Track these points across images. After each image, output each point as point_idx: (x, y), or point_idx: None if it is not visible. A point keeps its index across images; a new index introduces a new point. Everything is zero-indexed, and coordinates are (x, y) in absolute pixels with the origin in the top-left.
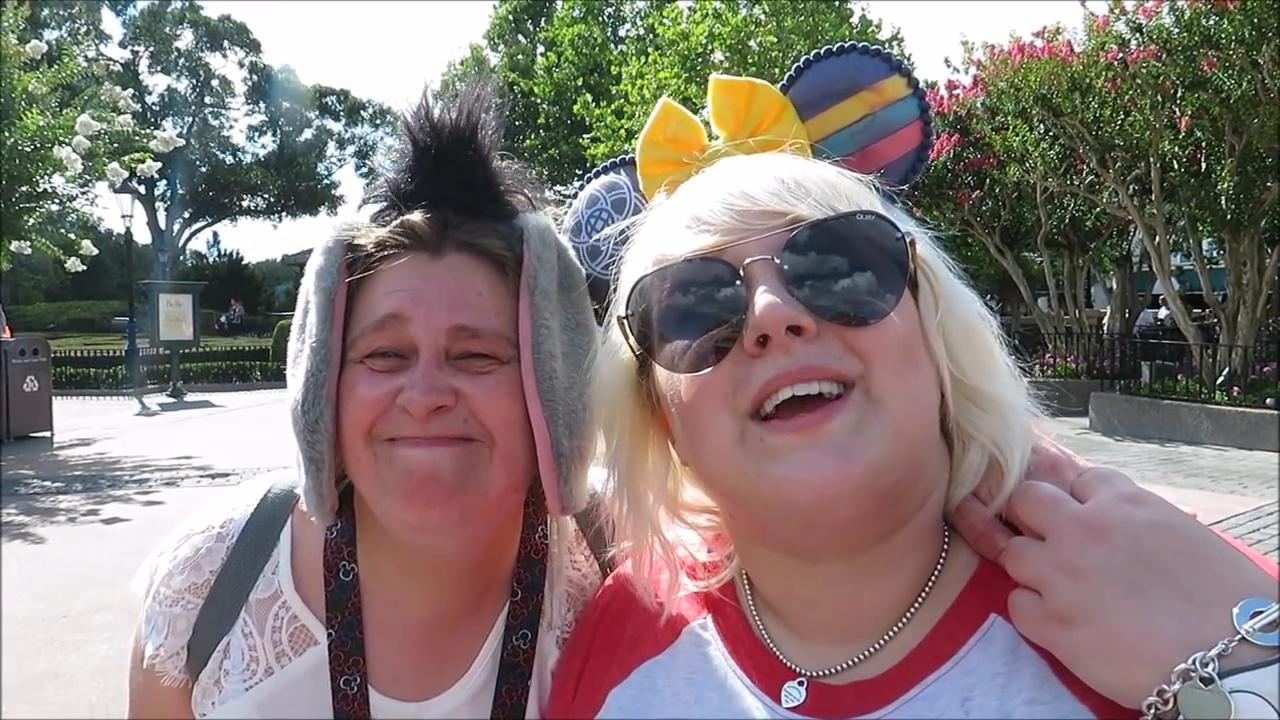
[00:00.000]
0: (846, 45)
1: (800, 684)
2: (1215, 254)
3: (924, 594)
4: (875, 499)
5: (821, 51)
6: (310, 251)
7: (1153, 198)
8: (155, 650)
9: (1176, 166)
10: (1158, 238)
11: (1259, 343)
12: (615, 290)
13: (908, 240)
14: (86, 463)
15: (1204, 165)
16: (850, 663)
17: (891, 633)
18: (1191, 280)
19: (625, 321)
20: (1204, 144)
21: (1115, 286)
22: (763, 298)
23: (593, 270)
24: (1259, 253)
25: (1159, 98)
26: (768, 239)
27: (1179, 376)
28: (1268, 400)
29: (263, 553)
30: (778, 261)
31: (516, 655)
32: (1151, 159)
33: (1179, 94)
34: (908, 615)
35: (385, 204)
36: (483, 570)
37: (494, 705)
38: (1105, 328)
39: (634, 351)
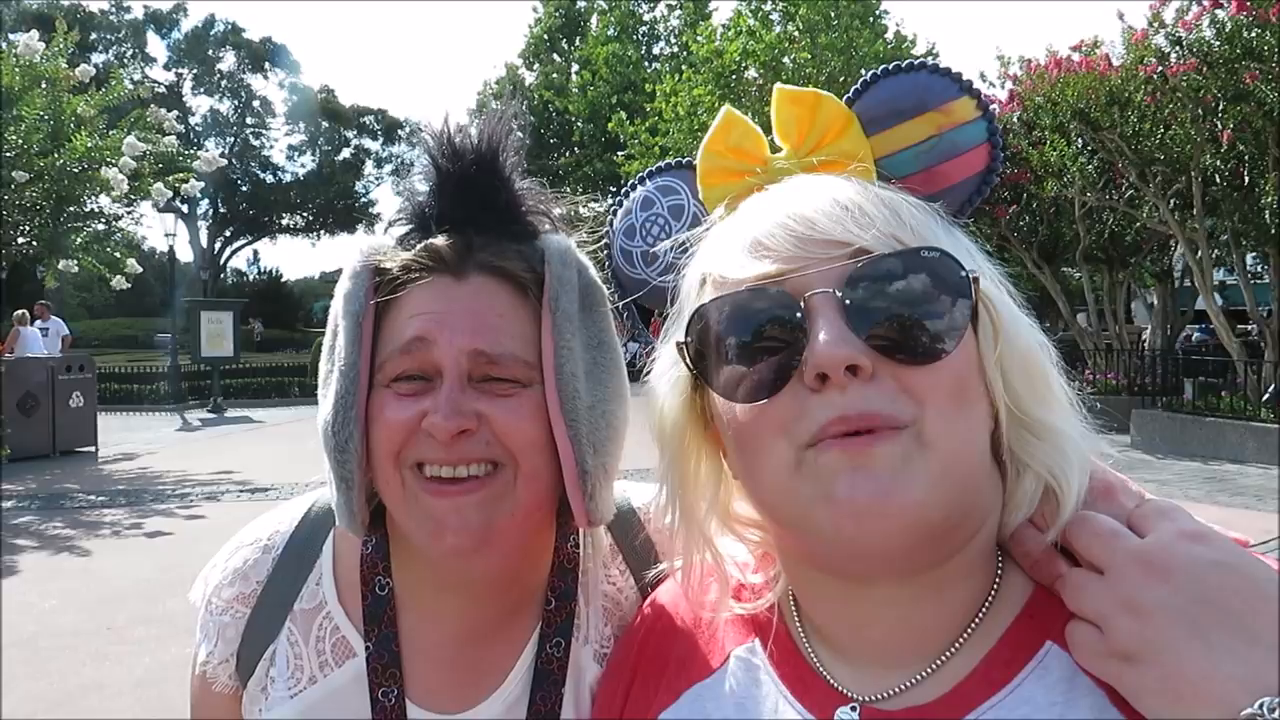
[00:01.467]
0: (916, 62)
1: (853, 709)
2: (1259, 269)
3: (977, 620)
4: (923, 533)
5: (890, 67)
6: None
7: (1194, 212)
8: (206, 657)
9: (1218, 180)
10: (1199, 252)
11: None
12: (671, 300)
13: (971, 278)
14: (130, 477)
15: (1247, 179)
16: (902, 687)
17: (944, 658)
18: (1234, 295)
19: (684, 346)
20: (1247, 157)
21: (1156, 302)
22: (823, 335)
23: (647, 275)
24: None
25: (1199, 111)
26: (829, 271)
27: (1223, 393)
28: None
29: (306, 564)
30: (839, 295)
31: (551, 663)
32: (1193, 173)
33: (1220, 107)
34: (961, 641)
35: (409, 227)
36: (515, 583)
37: (529, 713)
38: (1146, 343)
39: (691, 373)
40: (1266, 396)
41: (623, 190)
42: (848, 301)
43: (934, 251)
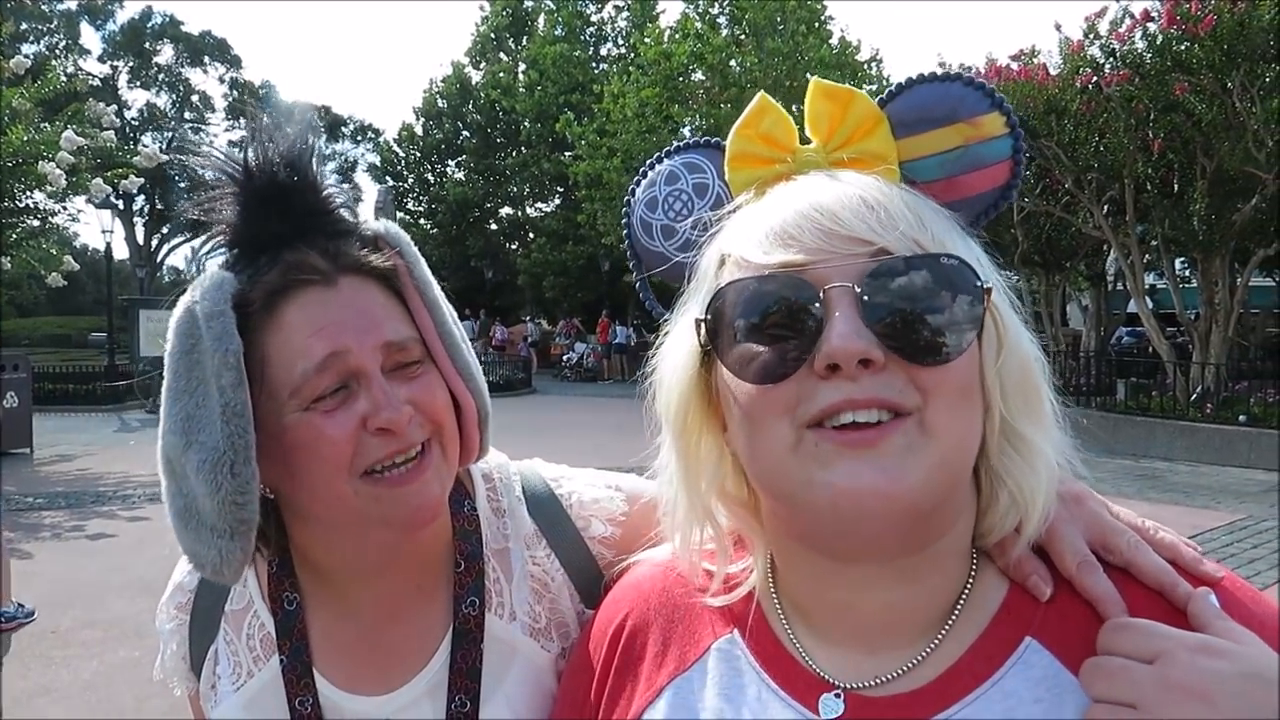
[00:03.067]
0: (952, 73)
1: (837, 695)
2: (1188, 273)
3: (956, 612)
4: (910, 518)
5: (926, 74)
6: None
7: (1127, 219)
8: (160, 665)
9: (1150, 188)
10: (1131, 257)
11: (1231, 360)
12: (687, 278)
13: (984, 289)
14: (69, 479)
15: (1177, 187)
16: (886, 677)
17: (927, 650)
18: (1165, 299)
19: (701, 322)
20: (1176, 166)
21: (1090, 305)
22: (838, 327)
23: (665, 249)
24: (1230, 272)
25: (1132, 121)
26: (850, 266)
27: (1153, 394)
28: (1240, 417)
29: None
30: (858, 290)
31: (468, 622)
32: (1125, 181)
33: (1151, 117)
34: (942, 632)
35: (232, 253)
36: (423, 556)
37: (451, 670)
38: (1081, 346)
39: (704, 349)
40: (1195, 397)
41: (648, 163)
42: (865, 297)
43: (953, 259)
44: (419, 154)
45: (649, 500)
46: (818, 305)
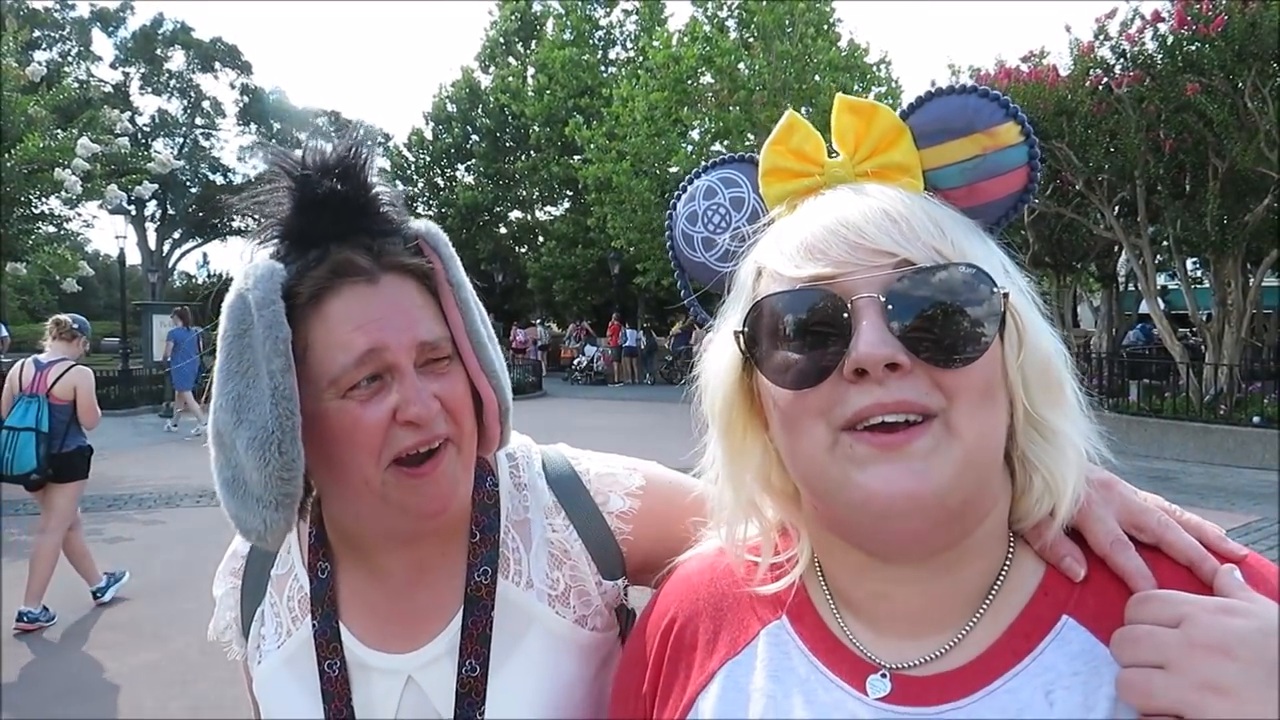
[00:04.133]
0: (969, 85)
1: (883, 676)
2: (1200, 274)
3: (992, 595)
4: (943, 515)
5: (943, 87)
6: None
7: (1139, 220)
8: (213, 627)
9: (1161, 189)
10: (1143, 258)
11: (1244, 361)
12: (729, 286)
13: (1001, 294)
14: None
15: (1189, 188)
16: (927, 658)
17: (964, 631)
18: (1177, 299)
19: (739, 335)
20: (1188, 167)
21: (1101, 306)
22: (865, 335)
23: (706, 260)
24: (1243, 273)
25: (1143, 121)
26: (875, 277)
27: (1166, 395)
28: (1254, 418)
29: None
30: (883, 300)
31: (479, 590)
32: (1137, 181)
33: (1163, 118)
34: (979, 614)
35: (284, 245)
36: (446, 524)
37: (462, 635)
38: (1093, 347)
39: (744, 357)
40: (1208, 398)
41: (687, 178)
42: (890, 306)
43: (971, 268)
44: (429, 158)
45: (666, 481)
46: (846, 315)
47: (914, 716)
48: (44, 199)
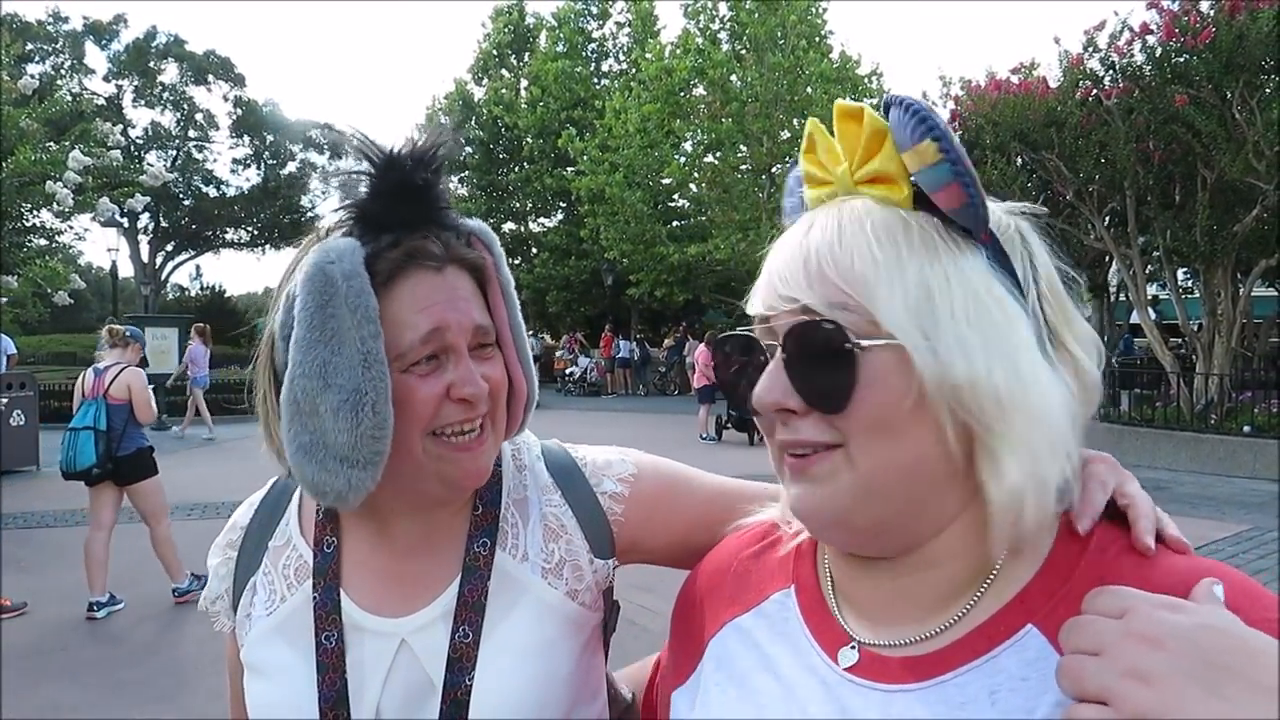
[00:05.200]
0: (897, 98)
1: (853, 648)
2: (1190, 284)
3: (971, 603)
4: (853, 532)
5: (889, 98)
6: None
7: (1129, 230)
8: (211, 596)
9: (1151, 199)
10: (1134, 268)
11: (1235, 371)
12: None
13: (858, 348)
14: (77, 496)
15: (1178, 198)
16: (899, 642)
17: (940, 628)
18: (1167, 309)
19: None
20: (1178, 177)
21: (1093, 316)
22: (762, 381)
23: None
24: (1233, 282)
25: (1132, 132)
26: (782, 325)
27: (1157, 405)
28: (1244, 427)
29: (279, 511)
30: (779, 349)
31: (477, 560)
32: (1127, 192)
33: (1152, 129)
34: (957, 615)
35: (358, 228)
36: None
37: (458, 602)
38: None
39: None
40: (1199, 408)
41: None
42: (785, 355)
43: (829, 323)
44: None
45: (656, 467)
46: (763, 359)
47: (867, 689)
48: (36, 212)
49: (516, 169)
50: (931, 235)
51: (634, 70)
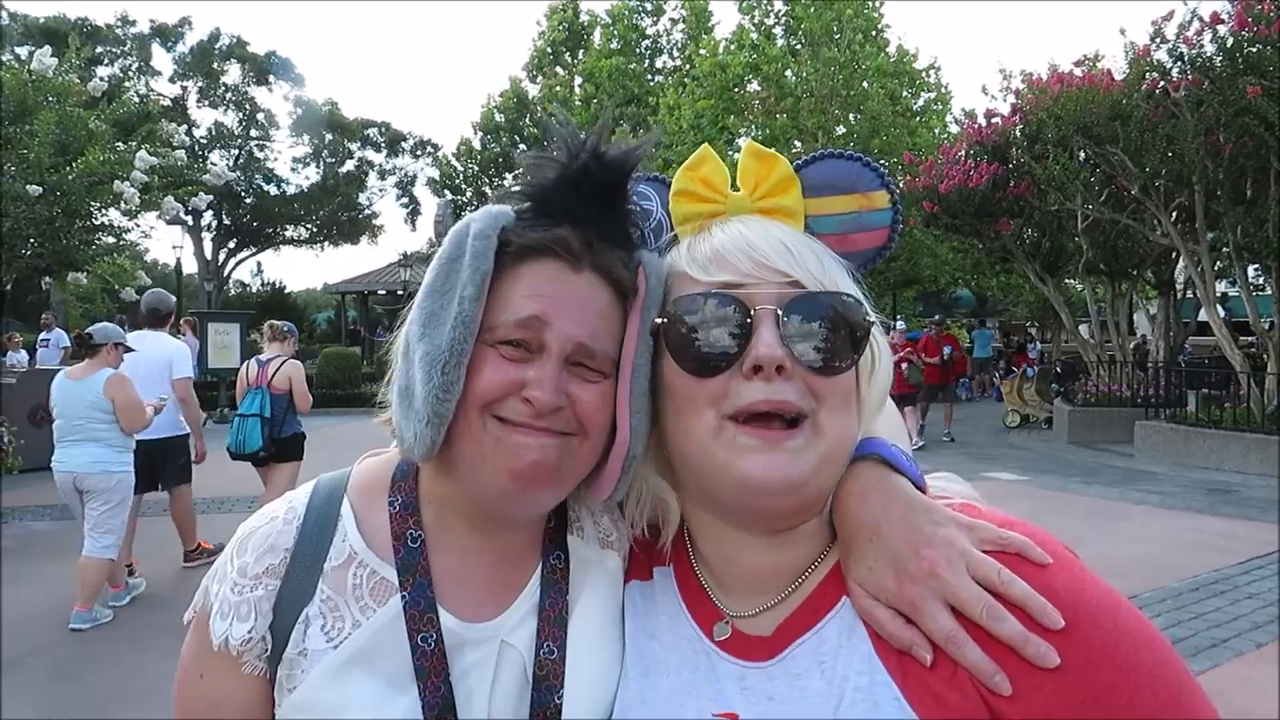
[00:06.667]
0: (855, 155)
1: (726, 623)
2: (1261, 281)
3: (808, 571)
4: (801, 499)
5: (833, 151)
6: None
7: (1197, 225)
8: (247, 634)
9: (1220, 194)
10: (1201, 265)
11: None
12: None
13: (870, 322)
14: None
15: (1249, 193)
16: (755, 610)
17: (783, 595)
18: (1237, 307)
19: (660, 325)
20: (1249, 171)
21: (1158, 314)
22: (765, 338)
23: None
24: None
25: (1201, 125)
26: (774, 292)
27: (1226, 405)
28: None
29: (328, 527)
30: (779, 312)
31: (555, 573)
32: (1195, 186)
33: (1222, 121)
34: (795, 585)
35: (530, 206)
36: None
37: (539, 618)
38: (1150, 355)
39: (655, 346)
40: (1270, 409)
41: None
42: (784, 318)
43: (850, 297)
44: (477, 168)
45: None
46: (749, 320)
47: (733, 664)
48: (104, 211)
49: None
50: None
51: (688, 66)
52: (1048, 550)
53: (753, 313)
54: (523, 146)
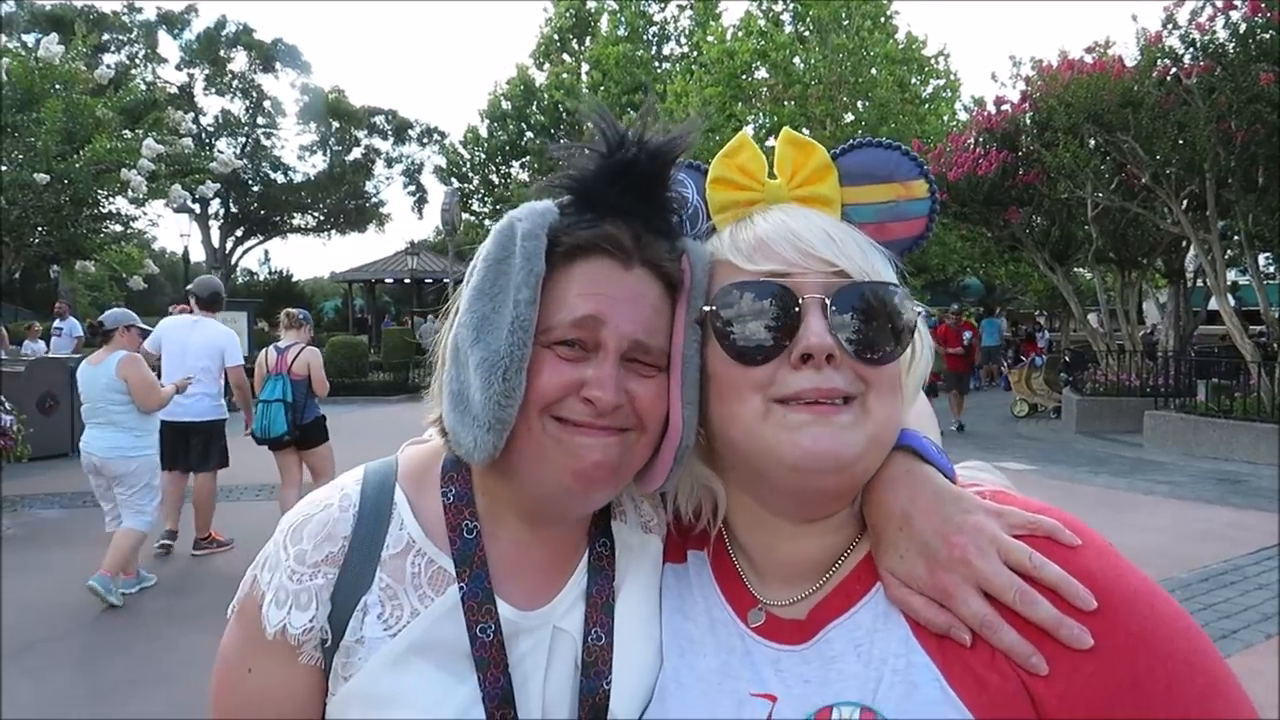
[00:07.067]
0: (894, 143)
1: (760, 610)
2: (1273, 269)
3: (840, 560)
4: (848, 478)
5: (873, 140)
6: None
7: (1208, 214)
8: (308, 622)
9: (1232, 182)
10: (1212, 253)
11: None
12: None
13: (917, 312)
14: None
15: (1261, 181)
16: (793, 599)
17: (817, 585)
18: (1248, 295)
19: (707, 313)
20: (1261, 159)
21: (1168, 303)
22: (814, 327)
23: None
24: None
25: (1213, 112)
26: (822, 281)
27: (1236, 395)
28: None
29: (385, 515)
30: (827, 301)
31: (601, 560)
32: (1206, 174)
33: (1234, 109)
34: (828, 574)
35: (572, 200)
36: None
37: (587, 602)
38: (1159, 344)
39: (712, 334)
40: None
41: None
42: (833, 307)
43: (898, 288)
44: (484, 155)
45: None
46: (797, 309)
47: (768, 648)
48: (111, 199)
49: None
50: None
51: (695, 53)
52: (1080, 535)
53: (800, 301)
54: (529, 135)
